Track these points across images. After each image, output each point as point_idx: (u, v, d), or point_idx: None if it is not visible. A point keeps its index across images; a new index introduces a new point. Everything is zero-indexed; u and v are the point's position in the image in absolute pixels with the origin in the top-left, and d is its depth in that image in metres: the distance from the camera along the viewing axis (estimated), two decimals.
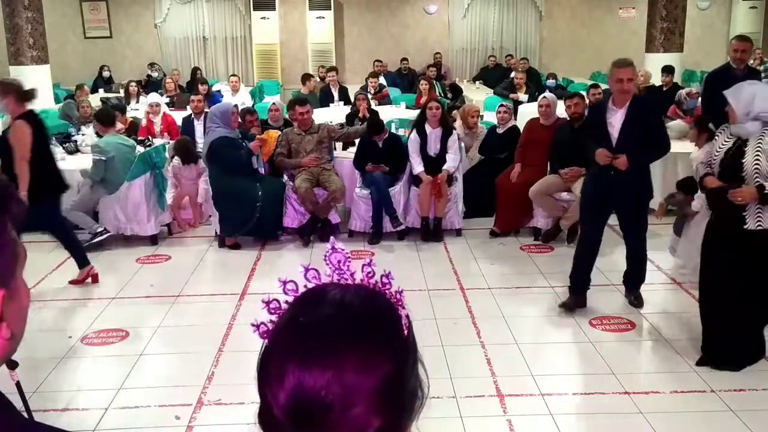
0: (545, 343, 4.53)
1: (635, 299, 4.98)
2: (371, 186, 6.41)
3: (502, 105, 7.43)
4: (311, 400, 0.75)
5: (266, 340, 0.83)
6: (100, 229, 6.26)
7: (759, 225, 3.73)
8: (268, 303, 0.86)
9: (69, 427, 0.92)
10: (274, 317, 0.84)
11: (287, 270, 5.98)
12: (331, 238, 0.93)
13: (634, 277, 5.00)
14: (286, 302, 0.85)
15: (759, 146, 3.72)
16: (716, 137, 4.00)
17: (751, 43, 6.43)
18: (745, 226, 3.75)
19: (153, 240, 6.50)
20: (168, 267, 6.03)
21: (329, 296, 0.83)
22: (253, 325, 0.85)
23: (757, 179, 3.68)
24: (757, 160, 3.70)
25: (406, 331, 0.84)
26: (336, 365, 0.76)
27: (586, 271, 4.91)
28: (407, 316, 0.85)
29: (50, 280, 5.66)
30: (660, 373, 4.05)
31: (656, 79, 9.99)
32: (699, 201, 5.29)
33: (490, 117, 8.56)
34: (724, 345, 4.00)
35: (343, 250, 0.89)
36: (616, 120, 4.59)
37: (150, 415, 3.70)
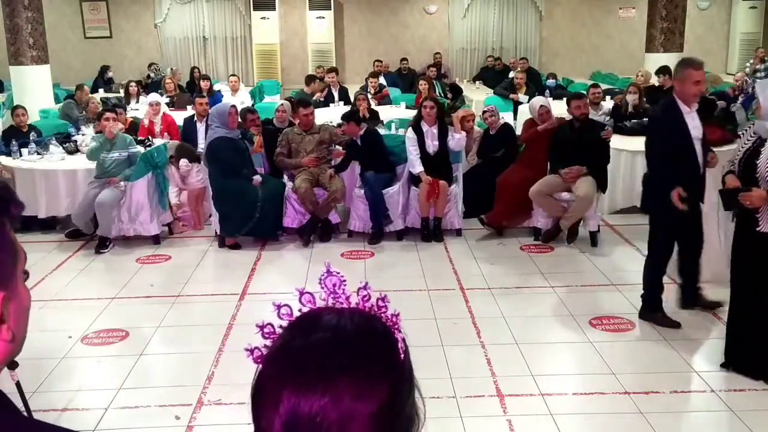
0: (545, 343, 4.52)
1: (704, 300, 4.79)
2: (366, 186, 6.42)
3: (485, 111, 7.39)
4: (306, 426, 0.74)
5: (260, 365, 0.81)
6: (108, 242, 6.33)
7: None
8: (262, 327, 0.84)
9: (69, 427, 0.92)
10: (268, 342, 0.83)
11: (287, 270, 5.99)
12: (327, 261, 0.90)
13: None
14: (281, 327, 0.84)
15: None
16: (742, 134, 3.91)
17: None
18: (758, 228, 3.63)
19: (155, 240, 6.50)
20: (168, 267, 6.02)
21: (324, 321, 0.81)
22: (246, 349, 0.84)
23: None
24: None
25: (402, 356, 0.82)
26: (332, 391, 0.75)
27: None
28: (404, 340, 0.84)
29: (50, 280, 5.66)
30: (660, 373, 4.05)
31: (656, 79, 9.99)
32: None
33: None
34: (749, 350, 3.85)
35: (338, 273, 0.87)
36: (694, 120, 4.31)
37: (150, 415, 3.70)
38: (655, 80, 9.94)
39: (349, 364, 0.77)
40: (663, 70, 9.57)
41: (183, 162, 6.99)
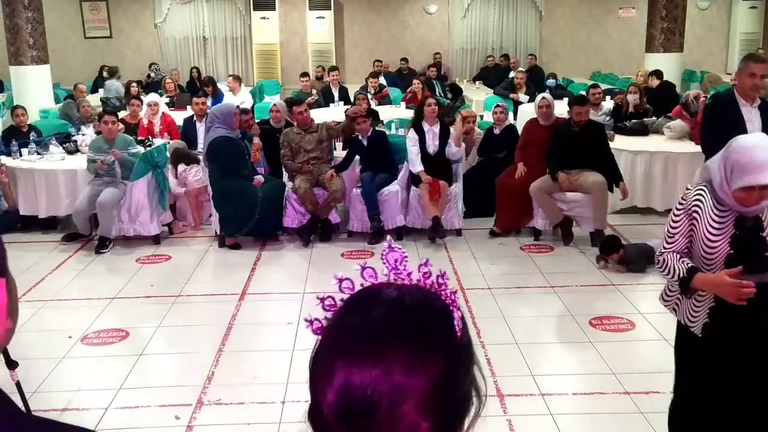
0: (545, 343, 4.53)
1: None
2: (361, 186, 6.43)
3: (497, 105, 7.39)
4: (358, 397, 0.75)
5: (319, 337, 0.83)
6: (108, 242, 6.32)
7: None
8: (323, 300, 0.85)
9: None
10: (328, 314, 0.84)
11: (287, 270, 5.99)
12: (388, 237, 0.91)
13: None
14: (342, 300, 0.85)
15: None
16: (696, 213, 2.58)
17: None
18: None
19: (156, 240, 6.50)
20: (168, 267, 6.02)
21: (383, 295, 0.83)
22: (306, 320, 0.85)
23: None
24: None
25: (459, 333, 0.82)
26: (384, 364, 0.75)
27: None
28: (462, 318, 0.84)
29: (50, 280, 5.67)
30: (660, 373, 4.04)
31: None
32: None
33: (491, 117, 8.54)
34: None
35: (400, 248, 0.88)
36: (753, 117, 3.90)
37: (150, 415, 3.70)
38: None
39: (403, 337, 0.78)
40: (653, 73, 9.66)
41: (180, 167, 6.99)
